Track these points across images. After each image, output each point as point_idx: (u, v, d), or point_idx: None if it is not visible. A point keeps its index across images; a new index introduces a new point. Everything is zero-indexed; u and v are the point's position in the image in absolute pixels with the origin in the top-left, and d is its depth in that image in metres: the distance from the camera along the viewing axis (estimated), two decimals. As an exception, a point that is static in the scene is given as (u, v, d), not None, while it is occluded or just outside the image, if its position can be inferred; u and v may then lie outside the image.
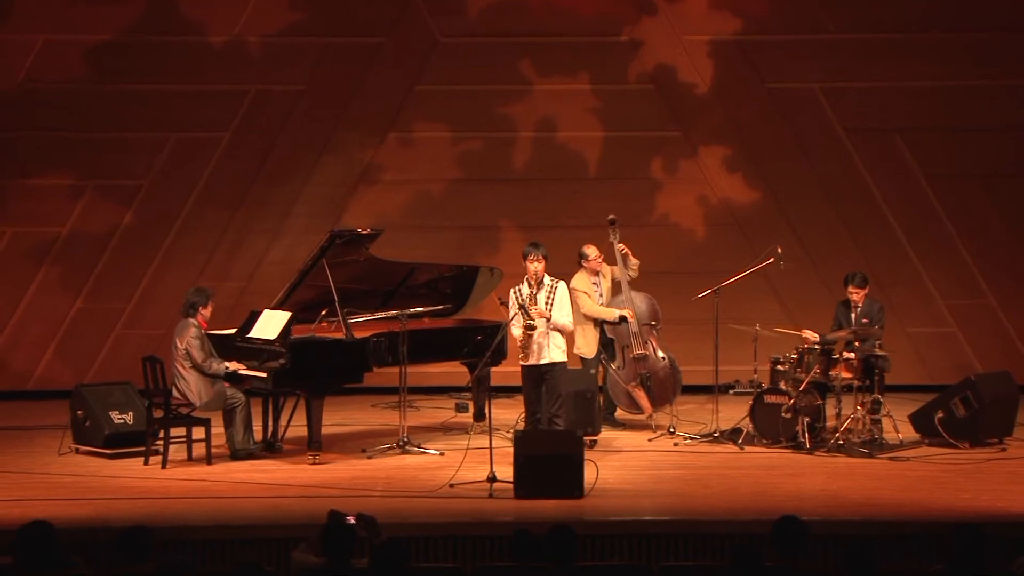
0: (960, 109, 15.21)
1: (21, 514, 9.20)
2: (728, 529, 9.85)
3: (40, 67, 15.09)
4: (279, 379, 12.08)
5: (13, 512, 9.94)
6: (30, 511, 9.50)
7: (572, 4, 15.27)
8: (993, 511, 10.32)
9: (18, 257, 15.17)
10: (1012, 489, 11.12)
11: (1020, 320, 15.28)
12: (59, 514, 9.22)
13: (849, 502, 10.77)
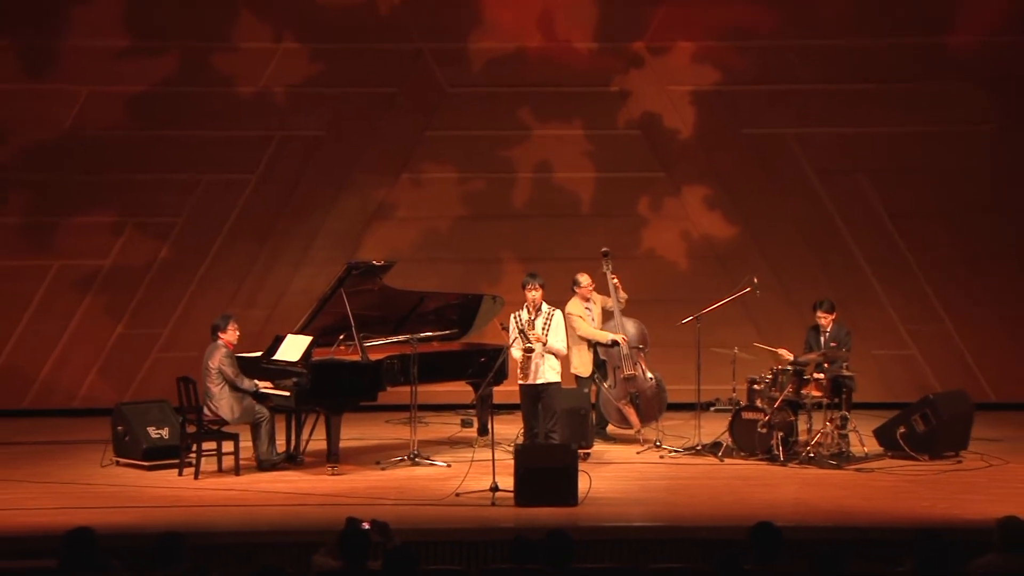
0: (920, 153, 15.21)
1: (66, 521, 9.15)
2: (710, 535, 9.83)
3: (85, 116, 15.09)
4: (301, 397, 12.08)
5: (59, 519, 9.91)
6: (74, 518, 9.49)
7: (566, 57, 15.29)
8: (950, 518, 10.30)
9: (65, 287, 15.15)
10: (967, 498, 11.09)
11: (974, 343, 15.25)
12: (101, 521, 9.18)
13: (819, 510, 10.76)
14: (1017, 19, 15.12)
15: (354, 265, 12.48)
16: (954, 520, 10.17)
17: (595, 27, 15.30)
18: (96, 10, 15.04)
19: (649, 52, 15.31)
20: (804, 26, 15.18)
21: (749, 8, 15.18)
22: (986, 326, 15.25)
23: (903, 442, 12.48)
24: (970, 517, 10.22)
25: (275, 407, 12.22)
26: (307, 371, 12.04)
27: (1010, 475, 12.03)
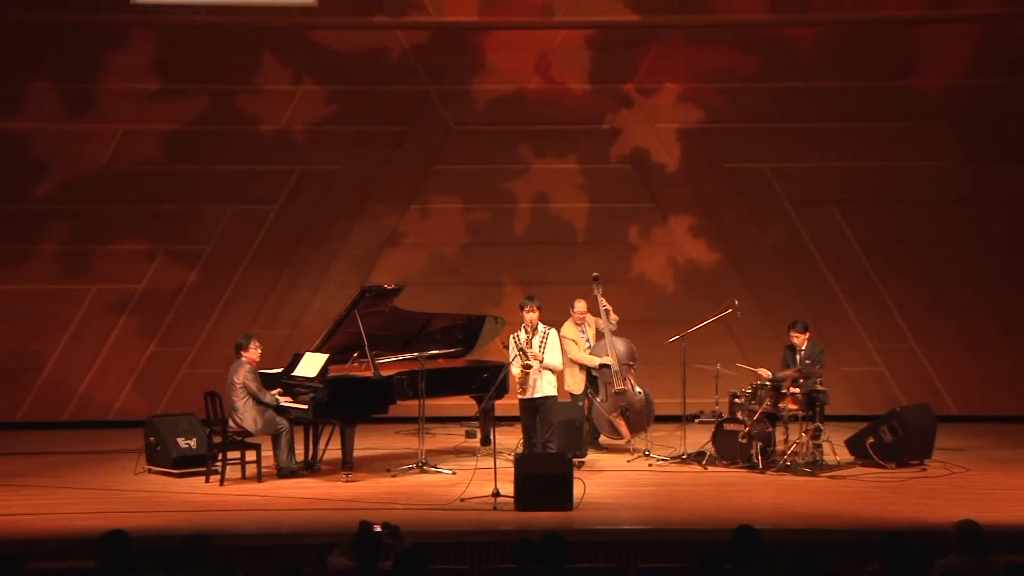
0: (887, 186, 15.21)
1: (102, 524, 9.14)
2: (695, 536, 9.82)
3: (121, 152, 15.11)
4: (318, 410, 12.08)
5: (95, 523, 9.89)
6: (109, 522, 9.46)
7: (563, 98, 15.31)
8: (915, 521, 10.29)
9: (102, 309, 15.15)
10: (931, 503, 11.07)
11: (937, 361, 15.24)
12: (134, 524, 9.16)
13: (795, 514, 10.74)
14: (975, 65, 15.13)
15: (367, 288, 12.50)
16: (919, 523, 10.14)
17: (589, 70, 15.31)
18: (131, 55, 15.06)
19: (638, 93, 15.33)
20: (780, 70, 15.20)
21: (730, 53, 15.20)
22: (947, 345, 15.24)
23: (872, 451, 12.47)
24: (934, 521, 10.19)
25: (294, 419, 12.22)
26: (324, 386, 12.05)
27: (970, 482, 12.00)
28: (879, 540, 8.04)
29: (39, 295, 15.07)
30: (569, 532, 8.68)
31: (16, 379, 15.08)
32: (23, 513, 10.94)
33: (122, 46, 15.06)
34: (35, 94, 15.05)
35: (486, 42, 15.27)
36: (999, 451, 13.40)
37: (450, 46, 15.25)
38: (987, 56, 15.14)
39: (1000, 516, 10.19)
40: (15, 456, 13.37)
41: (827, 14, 15.07)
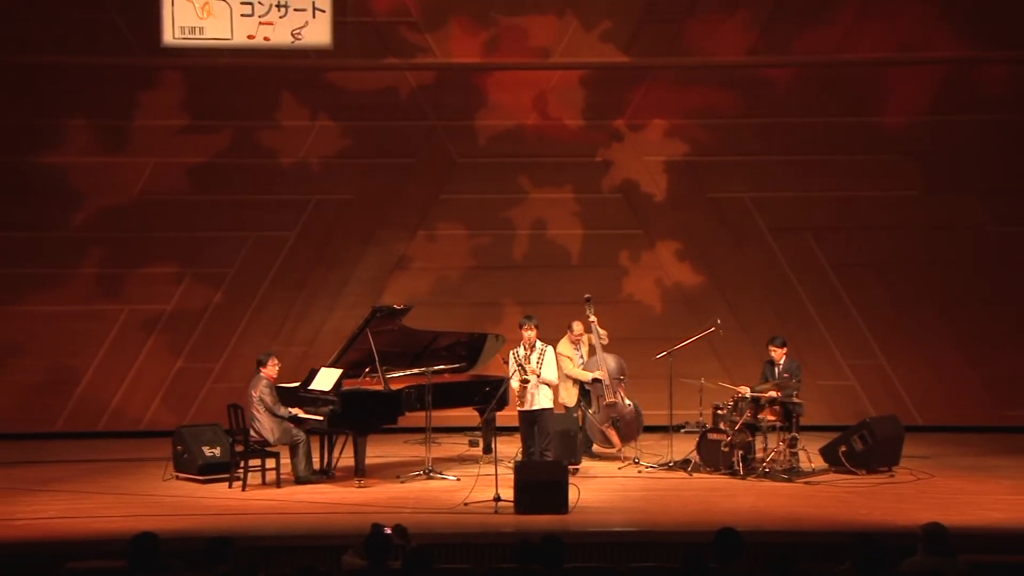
0: (857, 214, 15.20)
1: (133, 526, 9.13)
2: (681, 538, 9.79)
3: (152, 183, 15.11)
4: (333, 421, 12.10)
5: (127, 525, 9.90)
6: (140, 524, 9.45)
7: (559, 133, 15.32)
8: (884, 524, 10.31)
9: (133, 328, 15.14)
10: (899, 507, 11.07)
11: (904, 376, 15.22)
12: (162, 527, 9.13)
13: (774, 517, 10.74)
14: (937, 104, 15.14)
15: (378, 309, 12.52)
16: (887, 526, 10.17)
17: (582, 107, 15.33)
18: (161, 95, 15.08)
19: (628, 128, 15.34)
20: (759, 107, 15.21)
21: (712, 92, 15.22)
22: (913, 360, 15.22)
23: (844, 459, 12.47)
24: (901, 523, 10.19)
25: (311, 430, 12.24)
26: (338, 399, 12.07)
27: (935, 487, 12.01)
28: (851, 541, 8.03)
29: (77, 315, 15.06)
30: (565, 534, 8.67)
31: (55, 392, 15.06)
32: (62, 516, 10.96)
33: (153, 86, 15.08)
34: (73, 131, 15.06)
35: (488, 82, 15.29)
36: (961, 458, 13.40)
37: (455, 85, 15.27)
38: (948, 96, 15.15)
39: (963, 519, 10.19)
40: (54, 463, 13.37)
41: (802, 56, 15.09)
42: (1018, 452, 13.71)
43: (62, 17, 14.79)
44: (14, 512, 11.12)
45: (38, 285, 15.05)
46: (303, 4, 14.86)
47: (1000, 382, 15.13)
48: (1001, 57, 15.06)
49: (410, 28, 15.08)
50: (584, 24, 15.10)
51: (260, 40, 14.89)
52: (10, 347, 15.04)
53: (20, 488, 12.13)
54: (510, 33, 15.11)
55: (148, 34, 14.81)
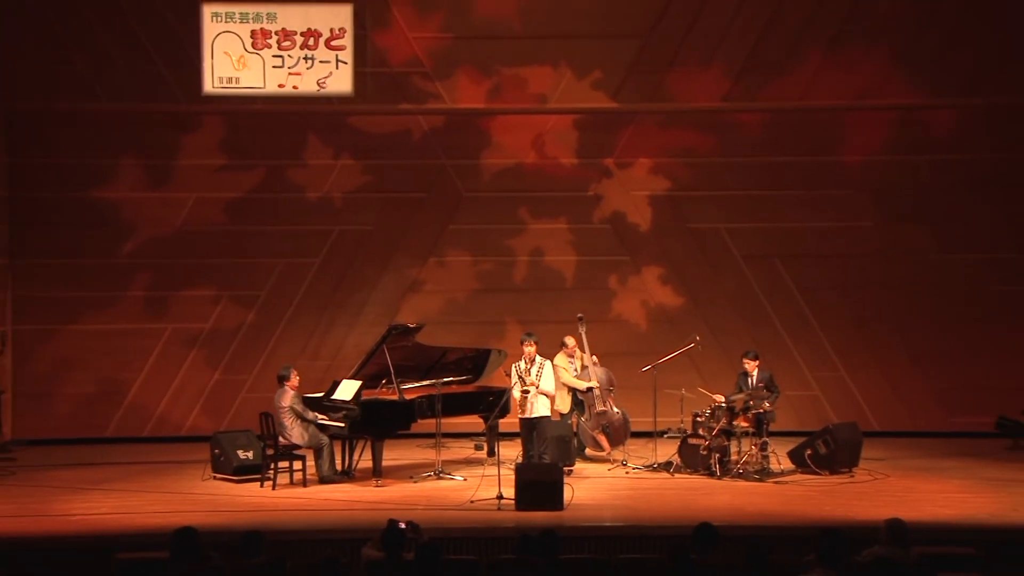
0: (820, 243, 15.19)
1: (175, 522, 9.12)
2: (664, 532, 9.80)
3: (193, 215, 15.10)
4: (353, 427, 12.09)
5: (170, 520, 9.89)
6: (181, 520, 9.45)
7: (554, 170, 15.32)
8: (845, 519, 10.30)
9: (176, 344, 15.11)
10: (858, 504, 11.08)
11: (862, 386, 15.17)
12: (201, 522, 9.13)
13: (747, 513, 10.74)
14: (890, 145, 15.11)
15: (394, 327, 12.51)
16: (848, 520, 10.15)
17: (576, 147, 15.32)
18: (202, 137, 15.09)
19: (617, 166, 15.34)
20: (732, 147, 15.20)
21: (692, 134, 15.22)
22: (871, 372, 15.18)
23: (810, 461, 12.44)
24: (860, 518, 10.22)
25: (333, 435, 12.22)
26: (358, 407, 12.05)
27: (890, 486, 12.01)
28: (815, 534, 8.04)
29: (126, 333, 15.04)
30: (561, 528, 8.63)
31: (106, 401, 15.03)
32: (112, 513, 10.97)
33: (195, 129, 15.09)
34: (124, 169, 15.05)
35: (492, 125, 15.30)
36: (914, 460, 13.38)
37: (462, 128, 15.26)
38: (899, 138, 15.14)
39: (916, 515, 10.16)
40: (105, 465, 13.35)
41: (770, 103, 15.09)
42: (964, 454, 13.69)
43: (115, 69, 14.82)
44: (70, 509, 11.13)
45: (92, 307, 15.03)
46: (327, 56, 14.88)
47: (948, 391, 15.08)
48: (945, 104, 15.06)
49: (422, 77, 15.09)
50: (577, 74, 15.11)
51: (289, 88, 14.91)
52: (67, 362, 15.01)
53: (75, 487, 12.13)
54: (511, 82, 15.12)
55: (190, 84, 14.82)
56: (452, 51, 15.05)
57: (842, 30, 14.92)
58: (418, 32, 15.03)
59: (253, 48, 14.81)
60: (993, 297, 15.13)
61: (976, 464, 13.14)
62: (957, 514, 10.72)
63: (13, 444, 14.51)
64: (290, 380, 12.07)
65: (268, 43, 14.83)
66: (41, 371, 14.99)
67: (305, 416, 11.98)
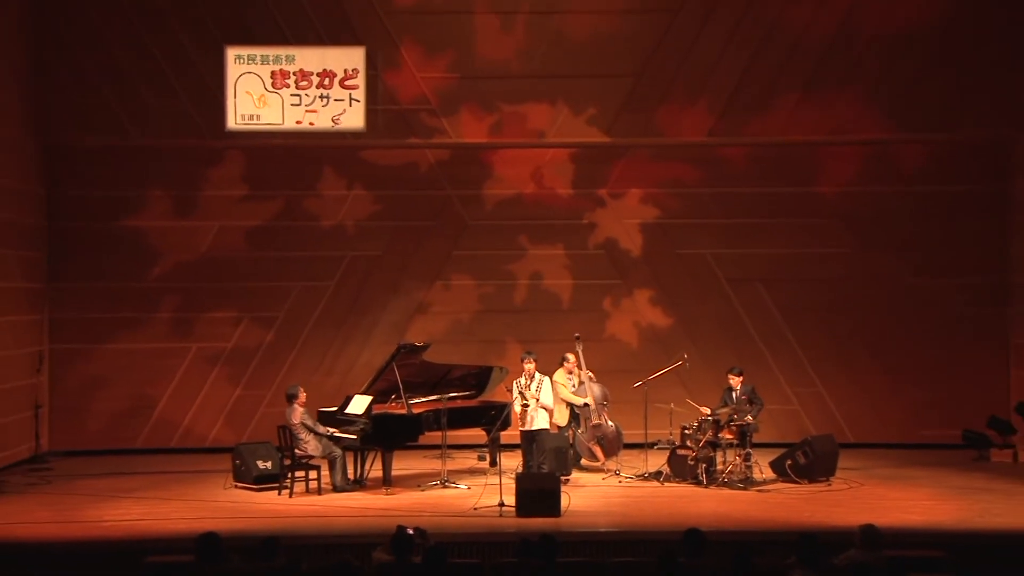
0: (799, 267, 15.20)
1: (199, 527, 9.14)
2: (654, 537, 9.78)
3: (217, 242, 15.13)
4: (364, 439, 12.10)
5: (194, 526, 9.90)
6: (204, 525, 9.45)
7: (552, 200, 15.35)
8: (823, 524, 10.28)
9: (201, 362, 15.12)
10: (835, 511, 11.07)
11: (838, 401, 15.18)
12: (223, 527, 9.13)
13: (731, 519, 10.72)
14: (863, 177, 15.15)
15: (402, 346, 12.52)
16: (826, 526, 10.14)
17: (572, 179, 15.36)
18: (225, 170, 15.13)
19: (610, 196, 15.37)
20: (717, 179, 15.24)
21: (679, 166, 15.26)
22: (846, 388, 15.18)
23: (790, 471, 12.44)
24: (837, 524, 10.20)
25: (346, 446, 12.21)
26: (369, 421, 12.05)
27: (864, 494, 11.98)
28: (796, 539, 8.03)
29: (154, 351, 15.05)
30: (559, 533, 8.64)
31: (136, 415, 15.03)
32: (141, 519, 10.95)
33: (218, 163, 15.13)
34: (153, 199, 15.09)
35: (494, 158, 15.34)
36: (886, 470, 13.36)
37: (466, 161, 15.30)
38: (872, 171, 15.18)
39: (887, 520, 10.14)
40: (135, 474, 13.35)
41: (752, 138, 15.13)
42: (933, 464, 13.68)
43: (146, 107, 14.86)
44: (102, 515, 11.11)
45: (123, 327, 15.04)
46: (342, 95, 14.92)
47: (918, 406, 15.07)
48: (914, 139, 15.10)
49: (429, 114, 15.13)
50: (573, 111, 15.15)
51: (306, 125, 14.94)
52: (100, 378, 15.01)
53: (107, 495, 12.11)
54: (512, 118, 15.16)
55: (215, 120, 14.85)
56: (457, 90, 15.09)
57: (818, 72, 14.98)
58: (425, 72, 15.09)
59: (273, 88, 14.85)
60: (959, 319, 15.13)
61: (944, 474, 13.13)
62: (926, 520, 10.70)
63: (50, 455, 14.52)
64: (298, 398, 12.06)
65: (287, 83, 14.86)
66: (75, 387, 14.99)
67: (315, 430, 11.98)
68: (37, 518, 11.04)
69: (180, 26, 14.80)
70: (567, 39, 15.04)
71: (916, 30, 14.86)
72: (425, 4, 14.98)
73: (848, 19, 14.91)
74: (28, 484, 12.85)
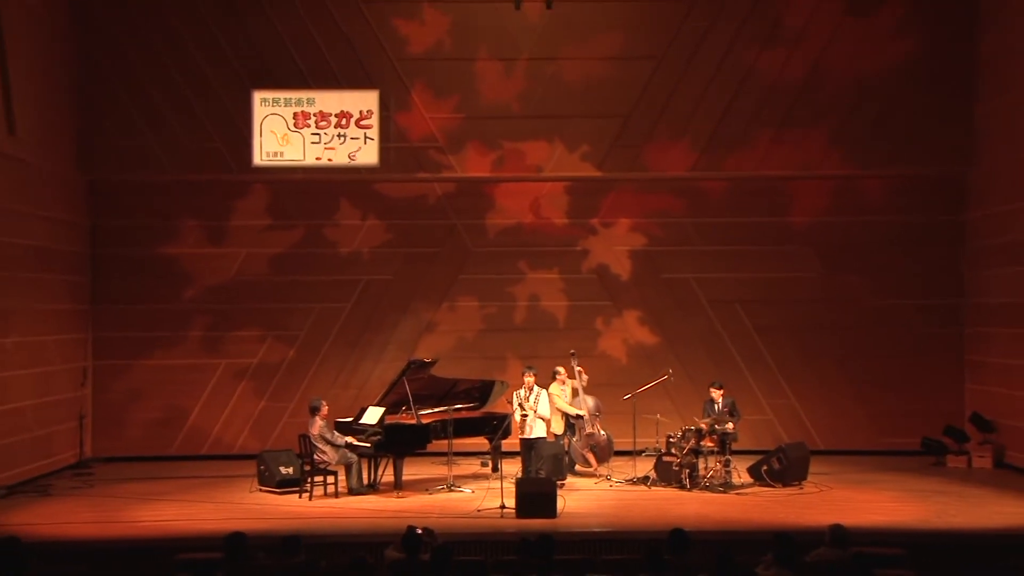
0: (773, 290, 15.22)
1: (227, 527, 9.13)
2: (642, 536, 9.79)
3: (244, 267, 15.17)
4: (378, 447, 12.11)
5: (222, 526, 9.91)
6: (232, 526, 9.44)
7: (548, 229, 15.38)
8: (796, 524, 10.27)
9: (228, 377, 15.13)
10: (806, 512, 11.07)
11: (809, 411, 15.18)
12: (249, 527, 9.13)
13: (712, 519, 10.72)
14: (830, 208, 15.19)
15: (412, 361, 12.54)
16: (798, 526, 10.13)
17: (566, 209, 15.39)
18: (251, 202, 15.19)
19: (601, 225, 15.40)
20: (699, 209, 15.29)
21: (664, 198, 15.31)
22: (816, 400, 15.18)
23: (766, 475, 12.44)
24: (808, 524, 10.19)
25: (361, 454, 12.21)
26: (382, 430, 12.05)
27: (834, 496, 11.98)
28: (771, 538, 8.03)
29: (187, 367, 15.06)
30: (555, 533, 8.64)
31: (171, 425, 15.03)
32: (174, 519, 10.96)
33: (245, 196, 15.19)
34: (186, 229, 15.15)
35: (495, 191, 15.38)
36: (852, 474, 13.35)
37: (470, 193, 15.35)
38: (837, 202, 15.23)
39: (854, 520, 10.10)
40: (169, 479, 13.36)
41: (730, 172, 15.17)
42: (895, 470, 13.68)
43: (180, 145, 14.90)
44: (138, 516, 11.12)
45: (159, 345, 15.06)
46: (357, 134, 14.96)
47: (881, 416, 15.07)
48: (876, 174, 15.15)
49: (437, 151, 15.18)
50: (568, 148, 15.19)
51: (325, 161, 14.96)
52: (138, 391, 15.03)
53: (144, 497, 12.13)
54: (512, 155, 15.19)
55: (242, 157, 14.88)
56: (462, 129, 15.14)
57: (789, 113, 15.03)
58: (434, 113, 15.14)
59: (295, 127, 14.90)
60: (918, 337, 15.15)
61: (905, 478, 13.14)
62: (889, 520, 10.70)
63: (92, 461, 14.52)
64: (320, 412, 12.06)
65: (307, 123, 14.91)
66: (116, 399, 15.00)
67: (333, 442, 11.97)
68: (80, 518, 11.05)
69: (211, 71, 14.87)
70: (562, 83, 15.09)
71: (876, 77, 14.93)
72: (434, 51, 15.06)
73: (816, 66, 14.99)
74: (72, 487, 12.84)
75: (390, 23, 14.98)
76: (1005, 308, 14.07)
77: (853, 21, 14.91)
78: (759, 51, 15.01)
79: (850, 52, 14.94)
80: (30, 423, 13.23)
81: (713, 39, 14.97)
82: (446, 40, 15.02)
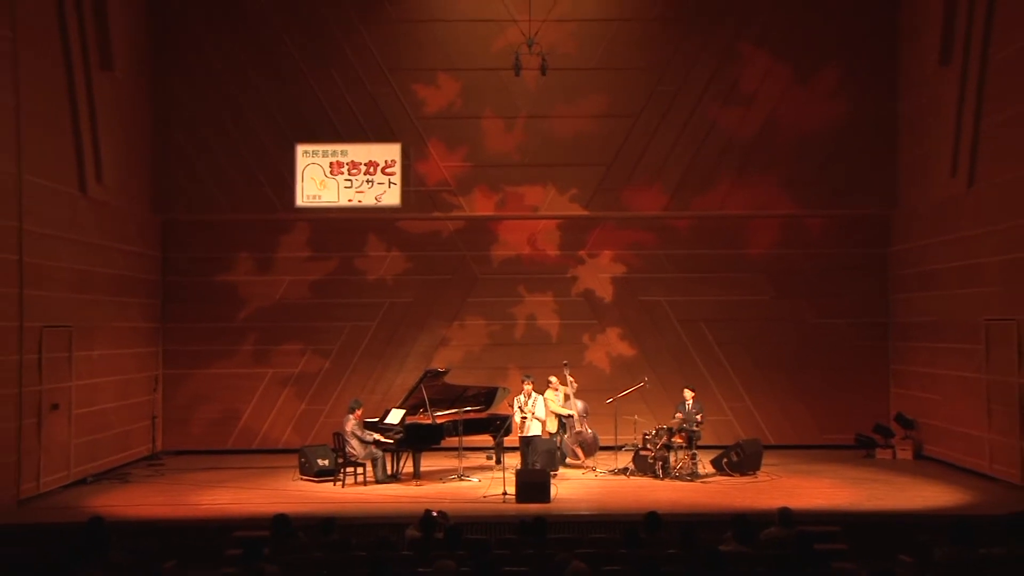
0: (732, 311, 15.24)
1: (273, 509, 9.14)
2: (621, 518, 9.79)
3: (288, 292, 15.21)
4: (400, 443, 12.10)
5: (270, 508, 9.92)
6: (278, 508, 9.48)
7: (543, 259, 15.41)
8: (752, 507, 10.26)
9: (274, 385, 15.15)
10: (760, 497, 11.06)
11: (762, 411, 15.16)
12: (292, 510, 9.14)
13: (682, 504, 10.72)
14: (780, 242, 15.23)
15: (428, 371, 12.57)
16: (753, 509, 10.12)
17: (558, 243, 15.43)
18: (294, 237, 15.22)
19: (588, 256, 15.45)
20: (669, 243, 15.32)
21: (640, 233, 15.36)
22: (767, 402, 15.17)
23: (726, 467, 12.44)
24: (761, 507, 10.19)
25: (385, 449, 12.21)
26: (403, 429, 12.05)
27: (782, 484, 11.97)
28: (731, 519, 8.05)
29: (240, 376, 15.08)
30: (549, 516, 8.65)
31: (226, 424, 15.04)
32: (230, 503, 10.99)
33: (289, 231, 15.24)
34: (240, 260, 15.20)
35: (499, 227, 15.43)
36: (799, 465, 13.35)
37: (477, 229, 15.39)
38: (787, 237, 15.27)
39: (799, 504, 10.18)
40: (225, 469, 13.37)
41: (696, 212, 15.22)
42: (833, 461, 13.67)
43: (236, 190, 14.99)
44: (199, 500, 11.15)
45: (218, 357, 15.10)
46: (383, 180, 15.05)
47: (822, 415, 15.08)
48: (817, 214, 15.22)
49: (449, 193, 15.25)
50: (559, 191, 15.26)
51: (355, 202, 15.04)
52: (201, 396, 15.06)
53: (204, 484, 12.15)
54: (513, 197, 15.26)
55: (287, 199, 14.98)
56: (471, 175, 15.22)
57: (746, 162, 15.12)
58: (447, 162, 15.24)
59: (331, 174, 14.99)
60: (851, 350, 15.18)
61: (841, 468, 13.13)
62: (828, 503, 10.71)
63: (162, 454, 14.54)
64: (355, 412, 12.09)
65: (341, 170, 15.01)
66: (182, 402, 15.03)
67: (363, 439, 11.99)
68: (153, 501, 11.09)
69: (262, 128, 14.99)
70: (555, 137, 15.19)
71: (818, 131, 15.04)
72: (446, 111, 15.17)
73: (768, 122, 15.10)
74: (146, 476, 12.88)
75: (410, 88, 15.11)
76: (922, 326, 14.13)
77: (798, 86, 15.04)
78: (720, 110, 15.12)
79: (795, 111, 15.06)
80: (112, 422, 13.29)
81: (681, 100, 15.09)
82: (457, 101, 15.14)
